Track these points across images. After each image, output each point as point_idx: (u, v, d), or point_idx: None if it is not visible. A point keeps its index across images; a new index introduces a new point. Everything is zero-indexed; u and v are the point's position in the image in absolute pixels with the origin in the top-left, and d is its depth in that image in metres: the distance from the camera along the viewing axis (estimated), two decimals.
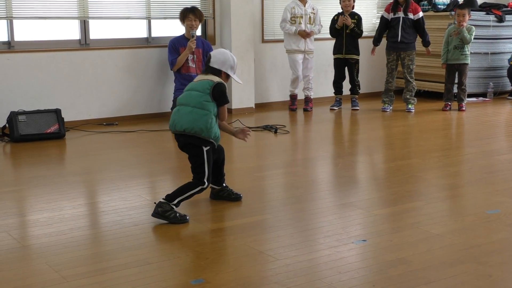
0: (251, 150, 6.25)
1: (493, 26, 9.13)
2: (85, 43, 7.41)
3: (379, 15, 9.16)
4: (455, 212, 4.36)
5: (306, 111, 8.34)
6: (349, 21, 8.18)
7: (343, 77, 8.56)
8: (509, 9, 9.56)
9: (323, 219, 4.11)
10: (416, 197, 4.67)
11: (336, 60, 8.49)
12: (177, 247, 3.72)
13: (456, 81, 8.42)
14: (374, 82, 9.58)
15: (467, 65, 8.32)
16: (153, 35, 7.88)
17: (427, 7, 9.33)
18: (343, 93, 8.61)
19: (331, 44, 8.55)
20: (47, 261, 3.40)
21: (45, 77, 7.09)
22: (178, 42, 7.36)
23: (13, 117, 6.48)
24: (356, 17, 8.29)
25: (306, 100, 8.41)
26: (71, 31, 7.40)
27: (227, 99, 4.16)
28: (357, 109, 8.47)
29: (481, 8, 9.37)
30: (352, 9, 8.32)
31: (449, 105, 8.41)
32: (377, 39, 8.35)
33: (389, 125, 7.69)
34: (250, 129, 4.53)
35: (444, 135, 7.19)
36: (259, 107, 8.48)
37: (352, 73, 8.47)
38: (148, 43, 7.85)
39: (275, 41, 8.65)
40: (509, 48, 9.35)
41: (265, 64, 8.70)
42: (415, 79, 8.40)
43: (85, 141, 6.60)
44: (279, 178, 5.27)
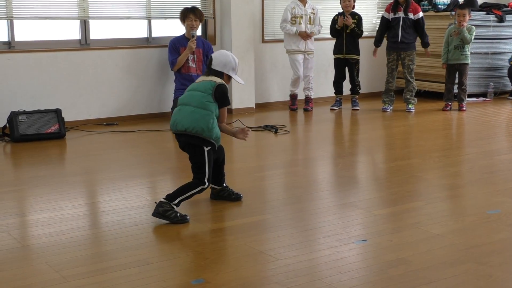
0: (251, 150, 6.25)
1: (493, 26, 9.13)
2: (85, 43, 7.41)
3: (379, 15, 9.16)
4: (455, 212, 4.36)
5: (306, 111, 8.34)
6: (350, 21, 8.18)
7: (344, 77, 8.56)
8: (509, 9, 9.55)
9: (323, 219, 4.11)
10: (416, 197, 4.67)
11: (336, 60, 8.49)
12: (178, 247, 3.72)
13: (456, 81, 8.41)
14: (374, 82, 9.57)
15: (468, 65, 8.32)
16: (153, 35, 7.88)
17: (427, 7, 9.32)
18: (343, 93, 8.61)
19: (331, 44, 8.54)
20: (48, 261, 3.40)
21: (45, 77, 7.09)
22: (178, 42, 7.36)
23: (13, 117, 6.48)
24: (356, 17, 8.29)
25: (306, 100, 8.41)
26: (71, 31, 7.40)
27: (228, 101, 4.16)
28: (358, 109, 8.47)
29: (482, 8, 9.37)
30: (352, 9, 8.32)
31: (450, 105, 8.41)
32: (378, 40, 8.33)
33: (389, 125, 7.68)
34: (250, 128, 4.53)
35: (444, 135, 7.19)
36: (259, 107, 8.48)
37: (352, 73, 8.46)
38: (148, 43, 7.85)
39: (276, 41, 8.64)
40: (510, 48, 9.34)
41: (266, 64, 8.70)
42: (415, 79, 8.39)
43: (86, 141, 6.60)
44: (280, 178, 5.27)
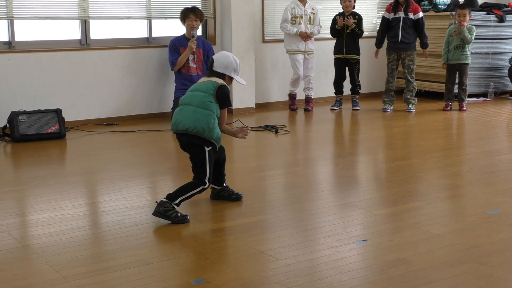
0: (251, 150, 6.25)
1: (493, 26, 9.13)
2: (85, 43, 7.41)
3: (379, 15, 9.16)
4: (455, 212, 4.36)
5: (306, 111, 8.34)
6: (351, 22, 8.18)
7: (344, 77, 8.56)
8: (509, 9, 9.55)
9: (323, 219, 4.11)
10: (416, 197, 4.67)
11: (336, 60, 8.48)
12: (178, 247, 3.72)
13: (456, 81, 8.41)
14: (374, 82, 9.57)
15: (468, 65, 8.32)
16: (153, 35, 7.88)
17: (427, 7, 9.32)
18: (343, 93, 8.61)
19: (332, 44, 8.54)
20: (48, 261, 3.40)
21: (45, 77, 7.09)
22: (178, 42, 7.36)
23: (13, 117, 6.48)
24: (357, 17, 8.28)
25: (306, 100, 8.40)
26: (71, 31, 7.40)
27: (230, 102, 4.16)
28: (358, 109, 8.47)
29: (482, 8, 9.37)
30: (353, 9, 8.32)
31: (450, 105, 8.41)
32: (380, 41, 8.31)
33: (389, 125, 7.68)
34: (249, 128, 4.54)
35: (444, 135, 7.18)
36: (259, 107, 8.48)
37: (352, 73, 8.46)
38: (148, 43, 7.85)
39: (276, 41, 8.64)
40: (510, 48, 9.33)
41: (266, 64, 8.70)
42: (415, 79, 8.39)
43: (86, 141, 6.60)
44: (280, 178, 5.27)
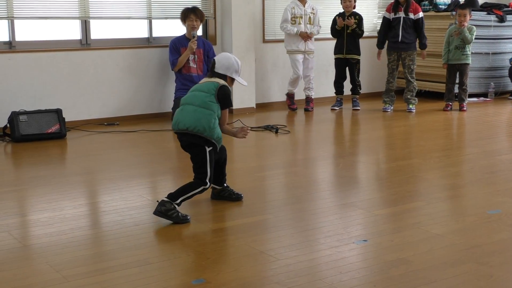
0: (252, 150, 6.25)
1: (494, 26, 9.13)
2: (86, 43, 7.41)
3: (380, 15, 9.16)
4: (456, 212, 4.35)
5: (307, 111, 8.34)
6: (352, 22, 8.18)
7: (344, 77, 8.56)
8: (510, 9, 9.55)
9: (324, 219, 4.11)
10: (417, 197, 4.67)
11: (337, 60, 8.48)
12: (178, 247, 3.72)
13: (457, 81, 8.41)
14: (375, 82, 9.57)
15: (468, 65, 8.32)
16: (154, 35, 7.88)
17: (428, 7, 9.32)
18: (344, 93, 8.61)
19: (332, 44, 8.54)
20: (48, 261, 3.40)
21: (46, 77, 7.09)
22: (179, 42, 7.36)
23: (14, 117, 6.48)
24: (357, 17, 8.28)
25: (307, 100, 8.40)
26: (72, 31, 7.40)
27: (231, 102, 4.17)
28: (358, 109, 8.47)
29: (482, 8, 9.37)
30: (353, 9, 8.32)
31: (450, 105, 8.41)
32: (381, 41, 8.29)
33: (390, 125, 7.68)
34: (249, 128, 4.54)
35: (445, 135, 7.18)
36: (260, 107, 8.48)
37: (353, 73, 8.46)
38: (149, 43, 7.85)
39: (276, 41, 8.64)
40: (510, 48, 9.33)
41: (266, 64, 8.70)
42: (416, 79, 8.39)
43: (86, 141, 6.61)
44: (280, 178, 5.27)
